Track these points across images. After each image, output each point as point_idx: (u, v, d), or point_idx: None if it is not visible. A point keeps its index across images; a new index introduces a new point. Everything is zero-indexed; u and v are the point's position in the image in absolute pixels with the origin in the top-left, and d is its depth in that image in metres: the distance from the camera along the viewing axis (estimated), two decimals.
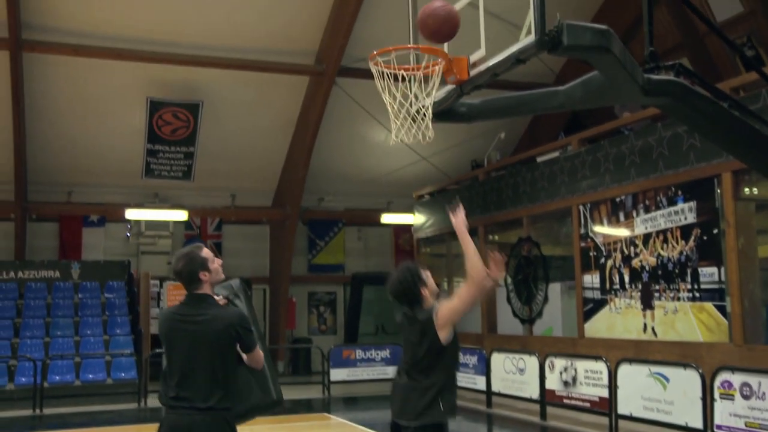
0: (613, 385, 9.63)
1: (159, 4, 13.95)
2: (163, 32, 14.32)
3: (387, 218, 18.88)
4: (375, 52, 5.30)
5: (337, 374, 14.85)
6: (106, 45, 14.14)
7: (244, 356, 4.31)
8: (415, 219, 16.73)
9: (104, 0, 13.71)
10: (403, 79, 5.34)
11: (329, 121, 16.23)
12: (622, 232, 10.56)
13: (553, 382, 10.81)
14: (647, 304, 10.06)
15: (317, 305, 19.85)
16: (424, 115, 5.45)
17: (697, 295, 9.31)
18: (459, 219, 4.36)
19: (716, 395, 8.09)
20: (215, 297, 4.35)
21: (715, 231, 9.10)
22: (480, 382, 12.47)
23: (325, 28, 15.03)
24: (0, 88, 14.28)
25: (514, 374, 11.69)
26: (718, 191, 9.04)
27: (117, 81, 15.02)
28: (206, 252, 4.28)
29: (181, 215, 17.32)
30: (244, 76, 15.33)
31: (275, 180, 18.17)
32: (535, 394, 11.14)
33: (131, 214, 16.90)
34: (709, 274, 9.16)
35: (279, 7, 14.45)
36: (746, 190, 9.07)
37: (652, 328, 9.96)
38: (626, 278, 10.45)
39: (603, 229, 10.99)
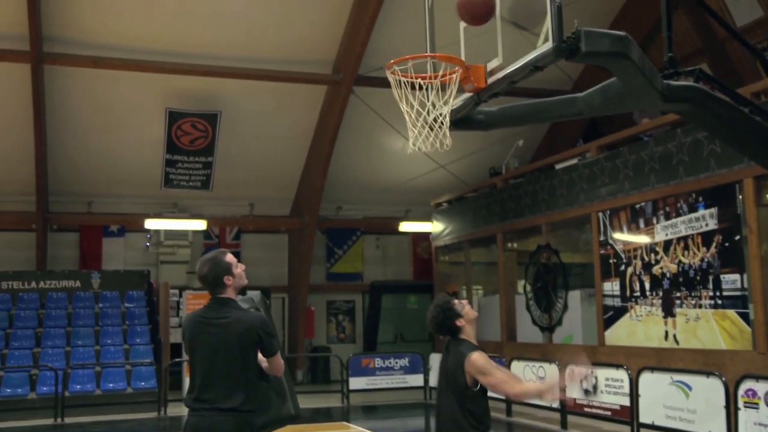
0: (634, 394, 9.53)
1: (177, 15, 14.05)
2: (181, 43, 14.43)
3: (405, 226, 18.85)
4: (392, 61, 5.30)
5: (356, 383, 14.83)
6: (125, 57, 14.26)
7: (265, 363, 4.34)
8: (434, 227, 16.71)
9: (123, 12, 13.83)
10: (421, 87, 5.33)
11: (347, 129, 16.26)
12: (643, 239, 10.47)
13: (573, 391, 10.72)
14: (668, 311, 9.96)
15: (336, 314, 19.84)
16: (442, 123, 5.44)
17: (720, 302, 9.21)
18: (580, 371, 4.47)
19: (740, 404, 7.99)
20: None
21: (737, 237, 9.00)
22: None
23: (342, 37, 15.07)
24: (21, 101, 14.44)
25: (533, 382, 11.61)
26: (740, 197, 8.95)
27: (136, 92, 15.15)
28: (230, 257, 4.36)
29: (200, 225, 17.40)
30: (261, 85, 15.39)
31: (293, 189, 18.22)
32: (555, 402, 11.05)
33: (151, 224, 17.00)
34: (731, 281, 9.06)
35: (296, 17, 14.50)
36: None
37: (674, 336, 9.86)
38: (647, 285, 10.36)
39: (623, 236, 10.91)
